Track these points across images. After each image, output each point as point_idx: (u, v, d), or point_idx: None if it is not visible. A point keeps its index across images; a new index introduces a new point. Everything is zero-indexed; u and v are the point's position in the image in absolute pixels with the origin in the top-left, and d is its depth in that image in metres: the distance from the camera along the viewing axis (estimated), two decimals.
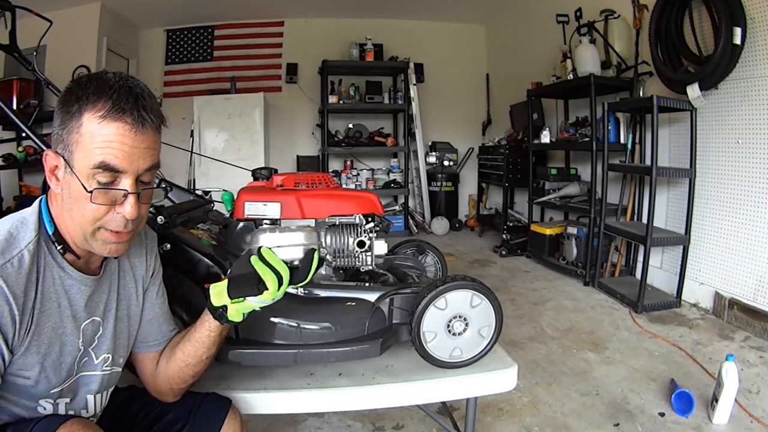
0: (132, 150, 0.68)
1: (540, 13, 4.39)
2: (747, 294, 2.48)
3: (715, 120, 2.68)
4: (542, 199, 3.84)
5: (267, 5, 5.21)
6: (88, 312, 0.76)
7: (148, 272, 0.88)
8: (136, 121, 0.67)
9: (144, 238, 0.89)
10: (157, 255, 0.92)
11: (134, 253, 0.86)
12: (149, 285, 0.89)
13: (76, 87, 0.68)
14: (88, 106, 0.66)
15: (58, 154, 0.69)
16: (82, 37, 4.49)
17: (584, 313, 2.78)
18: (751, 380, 1.91)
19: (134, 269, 0.86)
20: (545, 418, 1.73)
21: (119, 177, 0.68)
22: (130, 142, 0.67)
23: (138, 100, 0.68)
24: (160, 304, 0.90)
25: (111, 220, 0.70)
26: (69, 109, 0.67)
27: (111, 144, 0.66)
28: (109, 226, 0.70)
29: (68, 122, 0.67)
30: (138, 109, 0.67)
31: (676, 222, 2.95)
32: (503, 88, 5.42)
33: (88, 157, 0.66)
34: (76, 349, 0.74)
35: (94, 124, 0.66)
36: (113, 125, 0.66)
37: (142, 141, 0.69)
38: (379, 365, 1.04)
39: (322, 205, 1.16)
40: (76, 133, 0.67)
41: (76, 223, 0.70)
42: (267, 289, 0.75)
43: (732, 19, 2.36)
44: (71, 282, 0.73)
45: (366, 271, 1.20)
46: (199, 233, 1.20)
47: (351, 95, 5.27)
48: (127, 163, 0.68)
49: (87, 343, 0.76)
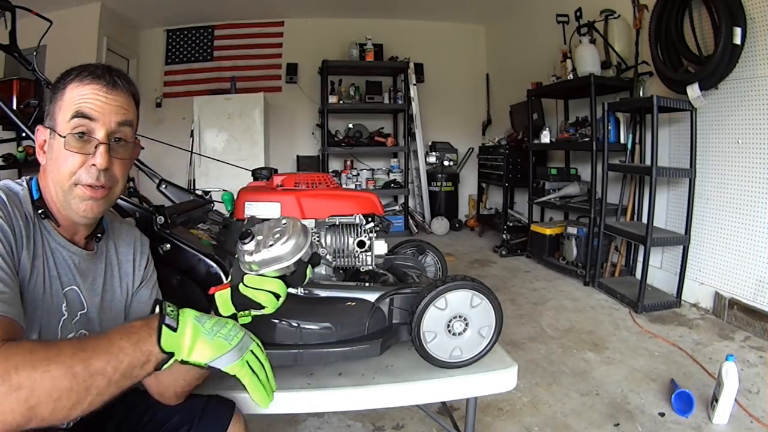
0: (104, 104, 0.75)
1: (540, 13, 4.39)
2: (747, 294, 2.48)
3: (715, 120, 2.68)
4: (542, 199, 3.84)
5: (267, 5, 5.21)
6: (73, 279, 0.78)
7: (137, 273, 0.89)
8: (108, 82, 0.75)
9: (134, 238, 0.90)
10: (149, 259, 0.92)
11: (122, 251, 0.88)
12: (141, 288, 0.89)
13: (65, 73, 0.77)
14: (70, 79, 0.75)
15: (45, 127, 0.76)
16: (82, 37, 4.49)
17: (584, 313, 2.78)
18: (751, 380, 1.91)
19: (121, 265, 0.87)
20: (545, 418, 1.73)
21: (93, 128, 0.74)
22: (103, 97, 0.75)
23: (113, 70, 0.77)
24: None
25: (85, 173, 0.74)
26: (56, 89, 0.76)
27: (85, 97, 0.74)
28: (83, 180, 0.74)
29: (55, 98, 0.76)
30: (111, 74, 0.76)
31: (676, 222, 2.95)
32: (503, 88, 5.42)
33: (66, 114, 0.74)
34: (59, 312, 0.75)
35: (73, 89, 0.74)
36: (89, 86, 0.75)
37: (114, 99, 0.76)
38: (379, 365, 1.04)
39: (322, 205, 1.16)
40: (60, 101, 0.75)
41: (56, 183, 0.75)
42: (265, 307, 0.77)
43: (732, 19, 2.36)
44: (56, 245, 0.76)
45: (366, 271, 1.20)
46: (199, 233, 1.20)
47: (351, 95, 5.27)
48: (98, 113, 0.74)
49: (71, 313, 0.77)
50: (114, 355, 0.59)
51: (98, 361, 0.58)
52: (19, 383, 0.53)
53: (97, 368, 0.57)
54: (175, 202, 1.29)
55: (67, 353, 0.57)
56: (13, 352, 0.55)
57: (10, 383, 0.53)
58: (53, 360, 0.55)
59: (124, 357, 0.59)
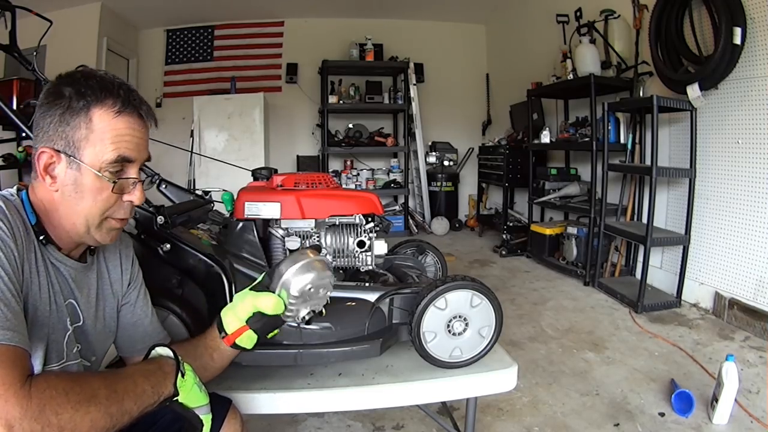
0: (140, 141, 0.74)
1: (540, 13, 4.39)
2: (747, 294, 2.48)
3: (715, 120, 2.68)
4: (542, 199, 3.84)
5: (267, 5, 5.21)
6: (71, 293, 0.76)
7: (125, 276, 0.88)
8: (144, 114, 0.74)
9: (118, 241, 0.88)
10: (134, 260, 0.91)
11: (109, 258, 0.86)
12: (129, 290, 0.89)
13: (71, 84, 0.69)
14: (97, 103, 0.69)
15: (57, 151, 0.69)
16: (82, 37, 4.49)
17: (584, 313, 2.78)
18: (751, 380, 1.91)
19: (110, 272, 0.86)
20: (545, 418, 1.73)
21: (127, 167, 0.73)
22: (139, 134, 0.73)
23: (139, 96, 0.74)
24: (142, 307, 0.90)
25: (119, 209, 0.74)
26: (72, 106, 0.68)
27: (124, 137, 0.71)
28: (116, 215, 0.74)
29: (72, 119, 0.68)
30: (143, 104, 0.74)
31: (676, 222, 2.95)
32: (503, 88, 5.42)
33: (102, 151, 0.69)
34: (65, 327, 0.74)
35: (107, 120, 0.69)
36: (127, 119, 0.71)
37: (144, 133, 0.75)
38: (379, 365, 1.04)
39: (322, 205, 1.16)
40: (85, 129, 0.69)
41: (81, 216, 0.71)
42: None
43: (732, 19, 2.36)
44: (55, 261, 0.74)
45: (366, 271, 1.20)
46: (199, 233, 1.20)
47: (351, 95, 5.27)
48: (137, 153, 0.73)
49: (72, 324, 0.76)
50: (138, 396, 0.67)
51: (128, 402, 0.65)
52: (60, 426, 0.56)
53: (127, 409, 0.65)
54: (175, 202, 1.29)
55: (102, 395, 0.62)
56: (49, 395, 0.57)
57: (52, 427, 0.56)
58: (92, 402, 0.60)
59: (146, 398, 0.68)
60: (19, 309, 0.62)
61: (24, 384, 0.56)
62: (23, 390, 0.56)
